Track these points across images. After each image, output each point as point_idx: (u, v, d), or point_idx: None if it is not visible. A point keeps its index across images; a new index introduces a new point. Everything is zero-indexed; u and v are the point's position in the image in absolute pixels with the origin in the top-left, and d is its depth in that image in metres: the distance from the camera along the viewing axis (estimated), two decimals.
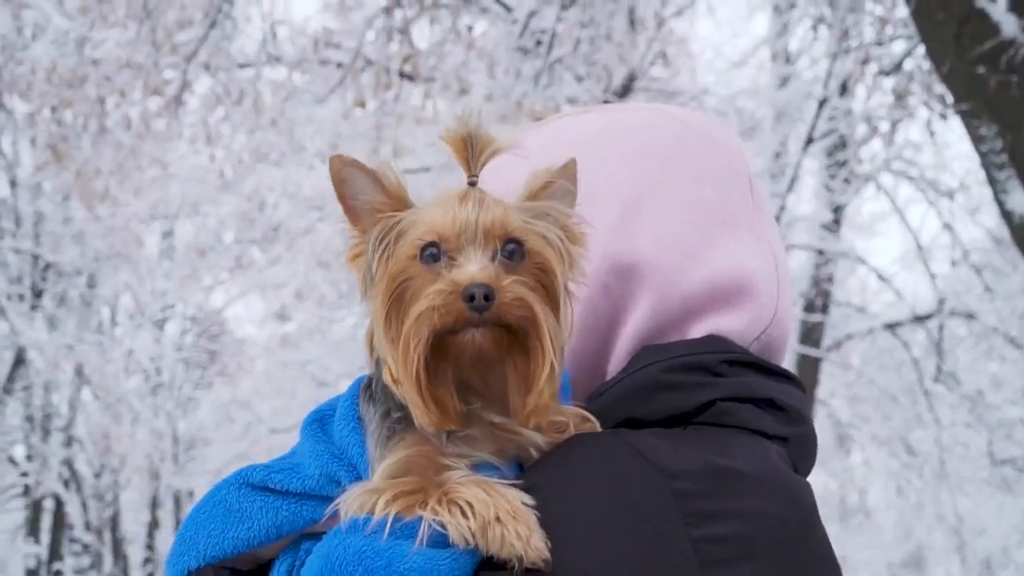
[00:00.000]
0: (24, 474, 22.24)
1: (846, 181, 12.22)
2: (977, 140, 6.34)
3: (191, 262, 16.99)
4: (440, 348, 1.30)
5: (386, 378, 1.33)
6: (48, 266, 20.43)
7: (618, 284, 1.53)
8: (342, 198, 1.39)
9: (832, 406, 16.29)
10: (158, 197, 15.80)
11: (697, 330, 1.52)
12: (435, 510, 1.24)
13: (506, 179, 1.40)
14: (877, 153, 12.32)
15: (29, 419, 21.57)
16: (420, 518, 1.24)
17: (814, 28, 11.44)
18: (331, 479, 1.40)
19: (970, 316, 13.53)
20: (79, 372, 21.14)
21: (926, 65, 9.00)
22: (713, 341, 1.50)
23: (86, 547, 24.33)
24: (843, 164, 11.93)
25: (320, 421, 1.49)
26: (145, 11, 8.72)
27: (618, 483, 1.29)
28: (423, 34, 9.62)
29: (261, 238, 14.79)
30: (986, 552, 17.74)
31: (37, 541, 22.88)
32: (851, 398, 16.41)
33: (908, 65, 9.68)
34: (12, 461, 23.31)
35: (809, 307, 12.88)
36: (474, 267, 1.29)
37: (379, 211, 1.37)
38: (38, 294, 20.66)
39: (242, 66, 10.15)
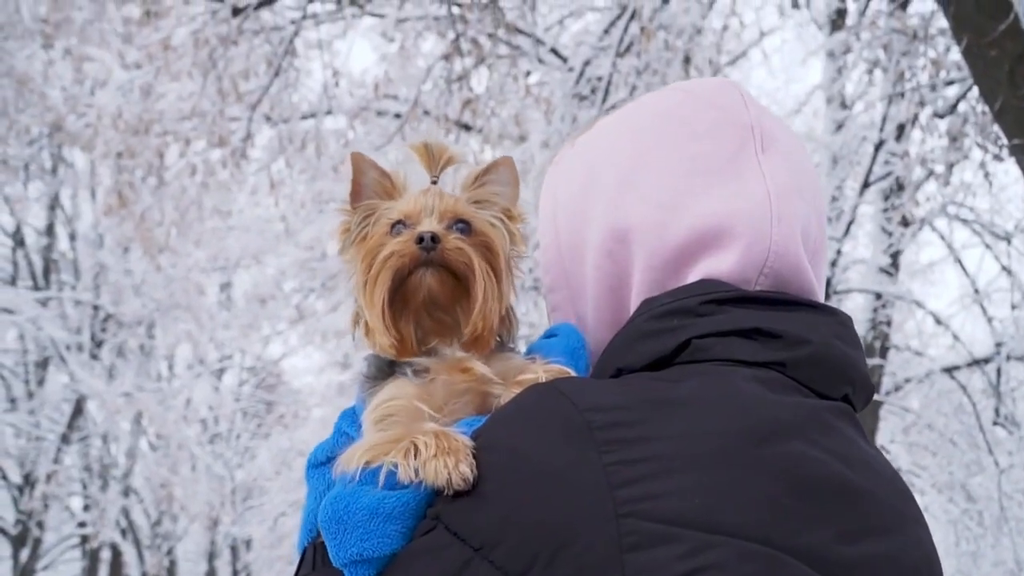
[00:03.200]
0: (82, 524, 22.39)
1: (903, 224, 12.18)
2: None
3: (251, 311, 17.16)
4: (402, 292, 1.64)
5: (363, 334, 1.69)
6: (108, 317, 20.66)
7: (619, 249, 1.68)
8: (355, 184, 1.77)
9: (892, 452, 16.12)
10: (219, 247, 16.03)
11: (691, 277, 1.62)
12: (393, 457, 1.46)
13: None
14: (932, 196, 12.26)
15: (87, 469, 21.74)
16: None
17: (869, 72, 11.45)
18: (345, 434, 1.68)
19: None
20: (137, 421, 21.31)
21: (980, 107, 9.01)
22: (698, 285, 1.59)
23: None
24: (899, 207, 11.90)
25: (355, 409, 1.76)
26: (211, 60, 8.91)
27: (537, 418, 1.41)
28: (481, 82, 9.74)
29: (320, 287, 14.95)
30: None
31: None
32: (910, 444, 16.26)
33: (962, 107, 9.67)
34: (69, 511, 23.49)
35: (868, 351, 12.77)
36: (427, 225, 1.66)
37: (379, 199, 1.76)
38: (98, 344, 20.89)
39: (304, 117, 10.36)
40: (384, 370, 1.67)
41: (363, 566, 1.43)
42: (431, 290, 1.63)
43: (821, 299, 1.70)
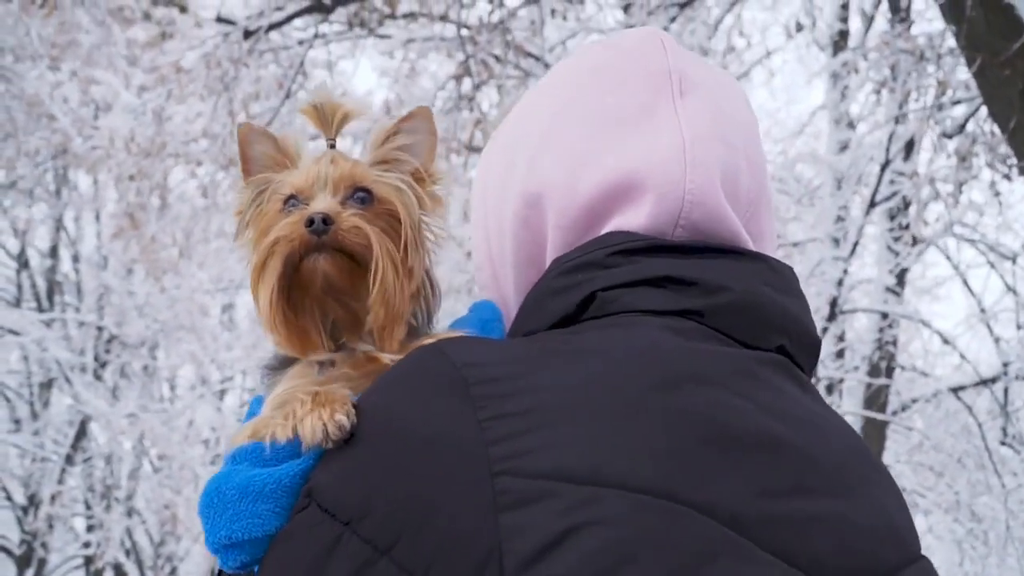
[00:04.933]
0: (86, 545, 22.35)
1: (909, 243, 12.20)
2: None
3: (254, 332, 17.13)
4: (297, 281, 1.48)
5: (259, 318, 1.52)
6: (112, 338, 20.67)
7: (533, 215, 1.55)
8: (244, 159, 1.61)
9: (897, 471, 16.08)
10: (222, 268, 16.05)
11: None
12: (273, 427, 1.37)
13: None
14: (939, 216, 12.27)
15: (91, 490, 21.72)
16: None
17: (877, 92, 11.48)
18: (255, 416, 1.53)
19: None
20: (140, 442, 21.29)
21: (989, 127, 9.03)
22: (605, 237, 1.47)
23: None
24: (906, 227, 11.92)
25: None
26: (223, 84, 8.95)
27: (412, 379, 1.31)
28: (491, 102, 9.78)
29: None
30: None
31: None
32: (916, 464, 16.24)
33: (971, 126, 9.70)
34: (73, 532, 23.46)
35: (874, 371, 12.80)
36: (319, 204, 1.49)
37: (273, 171, 1.59)
38: (103, 365, 20.90)
39: (313, 138, 10.39)
40: (285, 361, 1.55)
41: (235, 550, 1.32)
42: (327, 277, 1.48)
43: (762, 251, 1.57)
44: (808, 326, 1.48)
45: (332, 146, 1.58)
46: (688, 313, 1.38)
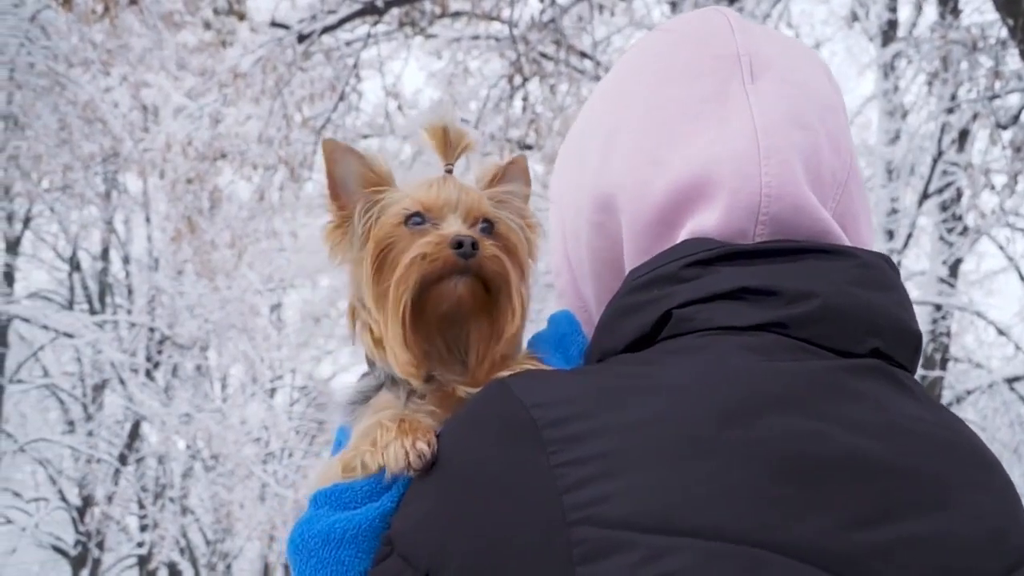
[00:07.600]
0: (139, 544, 22.53)
1: (962, 234, 12.11)
2: None
3: (306, 330, 17.20)
4: (421, 303, 1.42)
5: (366, 340, 1.47)
6: (164, 339, 20.83)
7: (608, 220, 1.47)
8: (330, 176, 1.52)
9: None
10: (272, 268, 16.15)
11: (679, 240, 1.40)
12: (362, 455, 1.37)
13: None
14: (992, 207, 12.16)
15: (144, 490, 21.89)
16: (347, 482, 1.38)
17: (929, 84, 11.37)
18: (340, 446, 1.52)
19: None
20: (194, 441, 21.46)
21: None
22: (681, 246, 1.37)
23: None
24: (959, 218, 11.84)
25: None
26: (277, 87, 9.01)
27: (481, 421, 1.27)
28: (543, 100, 9.78)
29: None
30: None
31: None
32: None
33: None
34: (126, 532, 23.65)
35: (928, 363, 12.71)
36: (459, 227, 1.44)
37: (365, 189, 1.50)
38: (155, 366, 21.06)
39: (365, 136, 10.46)
40: (368, 393, 1.51)
41: None
42: (461, 301, 1.42)
43: (859, 239, 1.47)
44: (904, 320, 1.35)
45: (450, 171, 1.51)
46: (771, 326, 1.28)
